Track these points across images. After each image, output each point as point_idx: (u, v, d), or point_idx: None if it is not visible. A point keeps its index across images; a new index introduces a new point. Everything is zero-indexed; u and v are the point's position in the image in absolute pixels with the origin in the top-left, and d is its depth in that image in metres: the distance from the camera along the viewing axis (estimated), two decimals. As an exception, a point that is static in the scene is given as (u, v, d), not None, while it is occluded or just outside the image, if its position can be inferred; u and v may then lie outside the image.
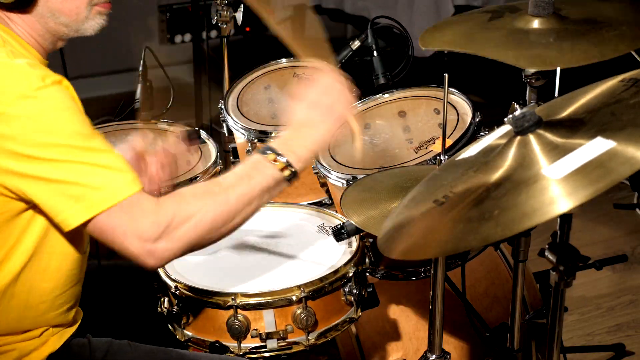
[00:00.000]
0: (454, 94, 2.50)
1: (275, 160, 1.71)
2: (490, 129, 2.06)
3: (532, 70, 2.11)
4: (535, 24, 2.00)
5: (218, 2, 2.94)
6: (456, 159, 1.67)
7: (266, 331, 1.91)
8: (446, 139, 1.88)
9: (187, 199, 1.65)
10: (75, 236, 1.75)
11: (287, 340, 1.92)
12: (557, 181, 1.31)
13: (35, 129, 1.59)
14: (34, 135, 1.59)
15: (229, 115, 2.71)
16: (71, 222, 1.61)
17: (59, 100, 1.63)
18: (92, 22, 1.81)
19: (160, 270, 1.99)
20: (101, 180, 1.60)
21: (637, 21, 2.00)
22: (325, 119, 1.79)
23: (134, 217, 1.60)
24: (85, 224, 1.61)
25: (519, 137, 1.45)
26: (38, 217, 1.69)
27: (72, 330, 1.87)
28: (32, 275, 1.75)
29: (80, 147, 1.60)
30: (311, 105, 1.80)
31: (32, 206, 1.66)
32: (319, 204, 2.56)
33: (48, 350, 1.82)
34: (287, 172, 1.71)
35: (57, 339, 1.84)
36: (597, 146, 1.32)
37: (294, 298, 1.89)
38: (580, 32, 1.96)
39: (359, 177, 2.25)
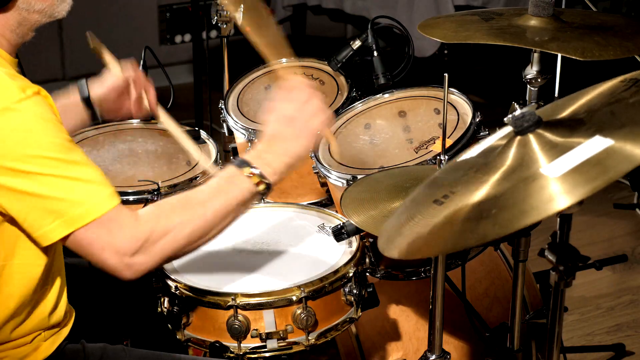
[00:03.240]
0: (454, 94, 2.50)
1: (250, 174, 1.72)
2: (491, 129, 2.07)
3: (532, 71, 2.11)
4: (534, 22, 2.00)
5: (218, 2, 2.94)
6: (457, 160, 1.67)
7: (266, 331, 1.90)
8: (446, 139, 1.88)
9: (166, 213, 1.67)
10: (48, 246, 1.71)
11: (287, 340, 1.92)
12: (556, 179, 1.31)
13: (17, 142, 1.58)
14: (15, 147, 1.58)
15: (230, 115, 2.71)
16: (51, 236, 1.61)
17: (39, 112, 1.62)
18: (63, 3, 1.80)
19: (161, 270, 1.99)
20: (80, 195, 1.60)
21: (637, 28, 2.01)
22: (301, 134, 1.80)
23: (112, 232, 1.61)
24: (64, 239, 1.62)
25: (518, 137, 1.45)
26: (8, 226, 1.67)
27: (64, 333, 1.86)
28: (18, 280, 1.73)
29: (60, 159, 1.60)
30: (287, 120, 1.80)
31: (8, 219, 1.65)
32: (319, 204, 2.56)
33: (41, 357, 1.81)
34: (261, 186, 1.73)
35: (49, 344, 1.83)
36: (596, 144, 1.32)
37: (294, 298, 1.89)
38: (579, 33, 1.97)
39: (359, 177, 2.25)
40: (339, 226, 2.01)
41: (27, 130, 1.60)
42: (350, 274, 1.97)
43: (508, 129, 1.51)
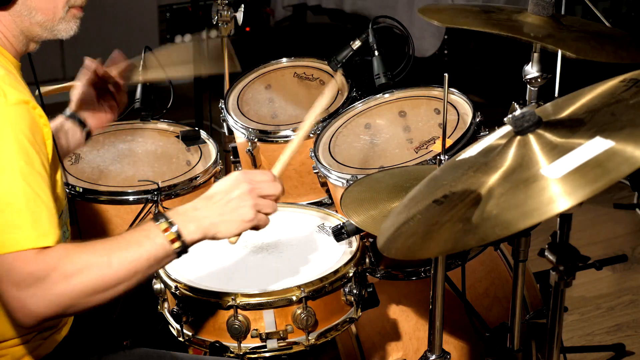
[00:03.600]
0: (454, 94, 2.50)
1: (166, 230, 1.62)
2: (491, 129, 2.07)
3: (532, 71, 2.11)
4: (533, 20, 2.01)
5: (218, 2, 2.94)
6: (456, 159, 1.67)
7: (266, 331, 1.91)
8: (446, 139, 1.88)
9: (71, 257, 1.56)
10: None
11: (287, 340, 1.92)
12: (556, 181, 1.31)
13: None
14: None
15: (230, 115, 2.72)
16: None
17: (16, 123, 1.58)
18: (66, 24, 1.79)
19: (161, 270, 1.99)
20: (5, 223, 1.53)
21: (634, 42, 2.02)
22: (233, 215, 1.66)
23: (14, 266, 1.53)
24: None
25: (518, 137, 1.45)
26: None
27: (62, 334, 1.86)
28: None
29: (6, 179, 1.55)
30: (240, 187, 1.69)
31: None
32: (319, 204, 2.56)
33: (41, 354, 1.80)
34: (177, 244, 1.62)
35: (48, 343, 1.82)
36: (596, 146, 1.32)
37: (294, 298, 1.89)
38: (576, 35, 1.97)
39: (359, 177, 2.25)
40: (339, 226, 2.01)
41: None
42: (350, 274, 1.97)
43: (507, 128, 1.51)
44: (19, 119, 1.60)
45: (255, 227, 1.69)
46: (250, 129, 2.63)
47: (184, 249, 1.63)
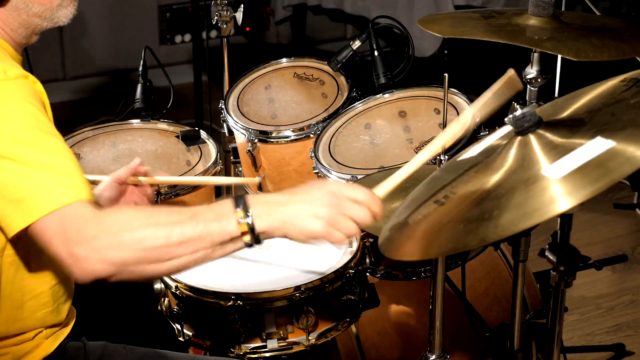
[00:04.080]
0: (454, 94, 2.50)
1: (240, 215, 1.52)
2: (491, 129, 2.07)
3: (532, 71, 2.11)
4: (533, 22, 2.01)
5: (218, 2, 2.94)
6: (457, 159, 1.67)
7: (266, 331, 1.91)
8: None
9: (129, 218, 1.53)
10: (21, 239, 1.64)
11: (287, 340, 1.92)
12: (557, 181, 1.31)
13: None
14: None
15: (230, 115, 2.72)
16: (13, 228, 1.54)
17: (17, 94, 1.59)
18: (65, 10, 1.77)
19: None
20: (42, 184, 1.52)
21: (636, 32, 2.02)
22: (322, 214, 1.54)
23: (65, 223, 1.51)
24: (26, 229, 1.54)
25: (519, 138, 1.45)
26: None
27: (65, 332, 1.86)
28: (14, 273, 1.72)
29: (27, 144, 1.54)
30: (324, 194, 1.56)
31: None
32: (319, 204, 2.56)
33: (42, 354, 1.80)
34: (247, 237, 1.53)
35: (50, 342, 1.82)
36: (597, 146, 1.32)
37: (294, 298, 1.89)
38: (576, 34, 1.97)
39: (359, 177, 2.24)
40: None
41: (1, 110, 1.56)
42: (350, 274, 1.97)
43: (508, 128, 1.51)
44: (23, 90, 1.60)
45: (330, 240, 1.58)
46: (250, 130, 2.63)
47: (253, 241, 1.54)
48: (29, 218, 1.52)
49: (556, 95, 2.95)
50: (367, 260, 2.07)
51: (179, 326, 1.98)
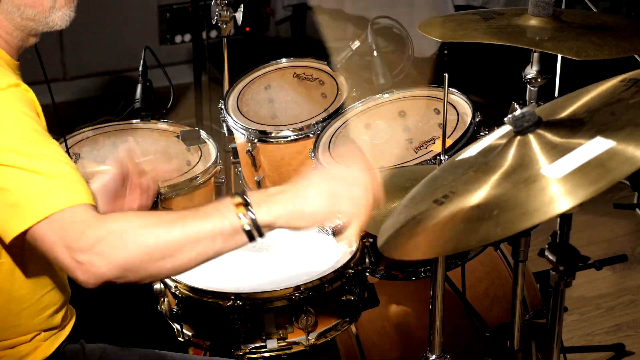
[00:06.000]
0: (454, 94, 2.50)
1: (239, 206, 1.52)
2: (490, 129, 2.07)
3: (532, 71, 2.11)
4: (533, 22, 2.01)
5: (218, 2, 2.94)
6: (456, 159, 1.67)
7: (266, 331, 1.91)
8: (446, 139, 1.88)
9: (129, 219, 1.54)
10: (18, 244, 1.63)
11: (287, 340, 1.92)
12: (557, 180, 1.31)
13: None
14: None
15: (229, 115, 2.72)
16: (9, 232, 1.53)
17: (10, 103, 1.59)
18: (59, 12, 1.76)
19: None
20: (40, 189, 1.52)
21: (636, 29, 2.02)
22: (328, 203, 1.54)
23: (65, 228, 1.50)
24: (23, 234, 1.53)
25: (518, 137, 1.45)
26: None
27: (64, 335, 1.86)
28: (10, 279, 1.71)
29: (24, 152, 1.54)
30: (328, 179, 1.58)
31: None
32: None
33: (40, 357, 1.80)
34: (247, 222, 1.51)
35: (49, 345, 1.82)
36: (597, 146, 1.32)
37: (294, 298, 1.89)
38: (576, 33, 1.97)
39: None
40: (339, 226, 2.01)
41: None
42: (350, 274, 1.97)
43: (507, 127, 1.51)
44: (15, 99, 1.60)
45: (335, 231, 1.59)
46: (250, 130, 2.63)
47: (255, 230, 1.52)
48: (26, 222, 1.52)
49: (556, 95, 2.95)
50: (367, 260, 2.07)
51: (178, 326, 1.98)
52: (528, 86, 2.13)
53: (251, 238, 1.53)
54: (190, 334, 1.97)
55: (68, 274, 1.53)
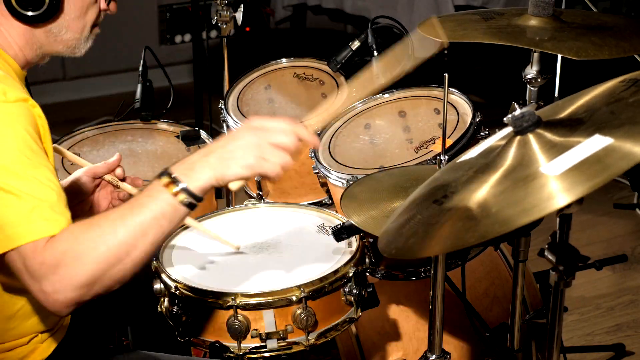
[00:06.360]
0: (454, 94, 2.50)
1: (168, 185, 1.57)
2: (491, 129, 2.07)
3: (532, 71, 2.11)
4: (533, 22, 2.01)
5: (218, 2, 2.94)
6: (457, 161, 1.67)
7: (266, 331, 1.90)
8: (446, 139, 1.88)
9: (77, 237, 1.54)
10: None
11: (287, 340, 1.92)
12: (555, 177, 1.32)
13: None
14: None
15: (229, 115, 2.72)
16: None
17: (15, 117, 1.59)
18: (86, 44, 1.84)
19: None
20: (13, 215, 1.53)
21: (636, 29, 2.02)
22: (250, 150, 1.59)
23: (29, 258, 1.52)
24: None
25: (518, 137, 1.45)
26: None
27: (61, 335, 1.86)
28: (2, 285, 1.71)
29: (11, 170, 1.54)
30: (249, 132, 1.62)
31: None
32: (319, 204, 2.56)
33: (38, 358, 1.81)
34: (182, 196, 1.56)
35: (46, 346, 1.82)
36: (595, 143, 1.33)
37: (294, 298, 1.89)
38: (576, 33, 1.97)
39: (359, 177, 2.25)
40: (339, 226, 2.01)
41: None
42: (350, 274, 1.97)
43: (508, 129, 1.51)
44: (19, 115, 1.60)
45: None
46: (250, 129, 2.63)
47: (192, 199, 1.57)
48: (2, 247, 1.53)
49: (556, 95, 2.95)
50: (367, 260, 2.07)
51: (178, 327, 1.97)
52: (528, 86, 2.13)
53: (192, 207, 1.58)
54: (190, 334, 1.97)
55: (39, 302, 1.55)
